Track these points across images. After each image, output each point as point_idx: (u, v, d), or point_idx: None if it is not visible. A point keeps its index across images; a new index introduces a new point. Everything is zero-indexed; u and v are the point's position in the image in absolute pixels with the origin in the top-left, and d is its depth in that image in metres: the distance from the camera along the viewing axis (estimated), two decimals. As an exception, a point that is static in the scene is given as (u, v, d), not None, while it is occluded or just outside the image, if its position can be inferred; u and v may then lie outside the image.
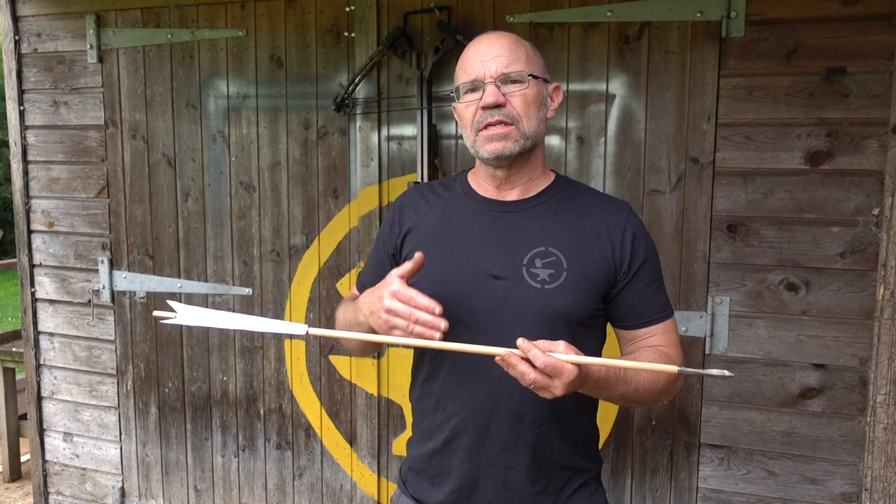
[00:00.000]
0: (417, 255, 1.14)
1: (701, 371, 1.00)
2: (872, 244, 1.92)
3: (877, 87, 1.87)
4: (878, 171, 1.89)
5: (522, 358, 1.00)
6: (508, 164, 1.26)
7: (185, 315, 1.01)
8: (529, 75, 1.22)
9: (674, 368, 0.99)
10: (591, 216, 1.28)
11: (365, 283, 1.43)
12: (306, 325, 1.05)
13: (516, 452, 1.27)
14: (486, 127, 1.22)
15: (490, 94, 1.20)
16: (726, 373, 0.97)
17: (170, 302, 1.03)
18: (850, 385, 1.98)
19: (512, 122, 1.22)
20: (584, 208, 1.29)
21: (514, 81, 1.22)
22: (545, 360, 0.98)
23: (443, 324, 1.07)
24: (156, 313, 1.04)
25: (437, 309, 1.08)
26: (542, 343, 1.01)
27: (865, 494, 1.97)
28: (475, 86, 1.23)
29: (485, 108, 1.21)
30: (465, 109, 1.25)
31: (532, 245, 1.25)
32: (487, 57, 1.22)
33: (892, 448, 1.93)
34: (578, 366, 1.00)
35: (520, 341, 1.00)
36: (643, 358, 1.23)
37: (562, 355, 1.00)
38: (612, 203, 1.32)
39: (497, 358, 1.01)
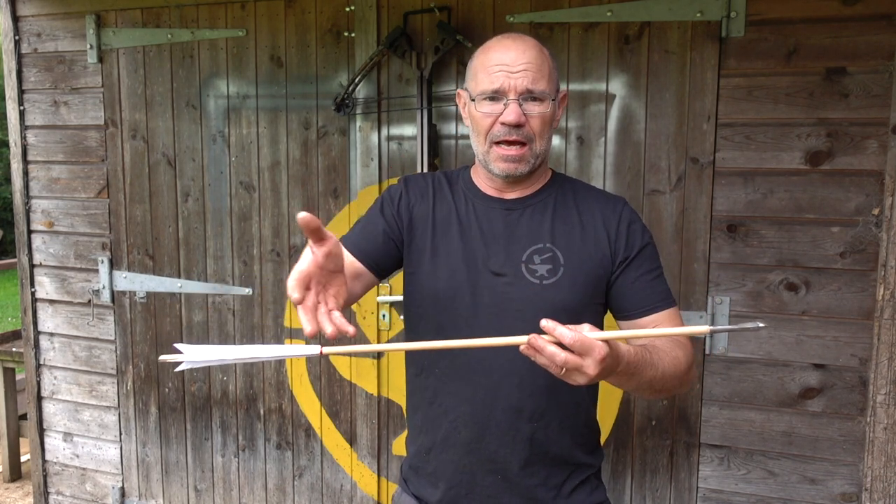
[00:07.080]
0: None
1: (733, 327, 0.96)
2: (872, 244, 1.91)
3: (877, 87, 1.87)
4: (878, 171, 1.89)
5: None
6: (515, 179, 1.28)
7: (192, 355, 0.99)
8: (552, 99, 1.23)
9: (705, 328, 0.94)
10: (588, 211, 1.30)
11: (346, 247, 1.30)
12: (320, 346, 0.98)
13: (515, 446, 1.27)
14: (501, 143, 1.23)
15: (513, 113, 1.20)
16: (760, 324, 0.93)
17: (176, 345, 1.01)
18: (850, 385, 1.98)
19: (527, 143, 1.23)
20: (581, 204, 1.31)
21: (536, 100, 1.22)
22: (574, 336, 0.92)
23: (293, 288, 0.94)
24: (162, 358, 1.02)
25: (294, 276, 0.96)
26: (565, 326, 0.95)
27: (865, 494, 1.97)
28: (497, 97, 1.22)
29: (505, 124, 1.21)
30: (483, 118, 1.24)
31: (531, 242, 1.27)
32: (515, 69, 1.20)
33: (892, 448, 1.93)
34: (608, 344, 0.95)
35: (544, 322, 0.94)
36: (657, 343, 1.18)
37: (591, 333, 0.95)
38: (608, 198, 1.34)
39: (522, 347, 0.95)
